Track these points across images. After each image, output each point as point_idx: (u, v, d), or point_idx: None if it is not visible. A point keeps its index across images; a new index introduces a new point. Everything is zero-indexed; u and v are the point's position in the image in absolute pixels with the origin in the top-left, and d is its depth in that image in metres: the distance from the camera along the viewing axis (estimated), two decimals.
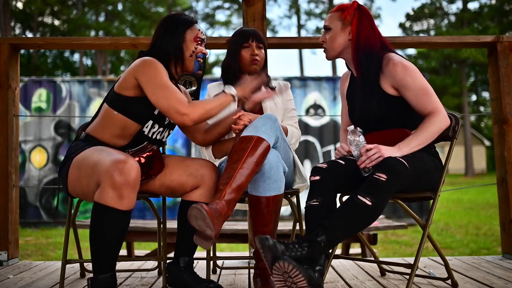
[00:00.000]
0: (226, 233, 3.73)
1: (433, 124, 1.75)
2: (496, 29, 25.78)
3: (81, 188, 1.71)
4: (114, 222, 1.57)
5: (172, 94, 1.72)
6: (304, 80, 8.60)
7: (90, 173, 1.64)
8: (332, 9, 1.98)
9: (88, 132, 1.87)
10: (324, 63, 79.52)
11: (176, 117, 1.71)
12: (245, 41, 2.14)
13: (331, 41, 1.92)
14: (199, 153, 7.98)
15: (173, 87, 1.75)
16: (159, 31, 1.91)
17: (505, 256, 2.63)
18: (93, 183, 1.63)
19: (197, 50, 1.91)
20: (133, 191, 1.57)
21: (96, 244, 1.59)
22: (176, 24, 1.90)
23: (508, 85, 2.66)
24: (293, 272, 1.49)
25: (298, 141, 2.16)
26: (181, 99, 1.73)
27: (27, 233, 7.64)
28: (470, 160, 26.88)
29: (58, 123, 8.32)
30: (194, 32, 1.91)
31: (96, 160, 1.63)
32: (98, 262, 1.59)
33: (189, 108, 1.72)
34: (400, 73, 1.79)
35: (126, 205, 1.56)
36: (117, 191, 1.53)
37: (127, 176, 1.54)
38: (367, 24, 1.87)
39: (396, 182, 1.63)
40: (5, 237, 2.56)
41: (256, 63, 2.13)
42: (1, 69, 2.62)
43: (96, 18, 26.62)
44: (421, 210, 8.16)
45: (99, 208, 1.56)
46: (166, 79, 1.75)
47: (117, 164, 1.54)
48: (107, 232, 1.57)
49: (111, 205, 1.54)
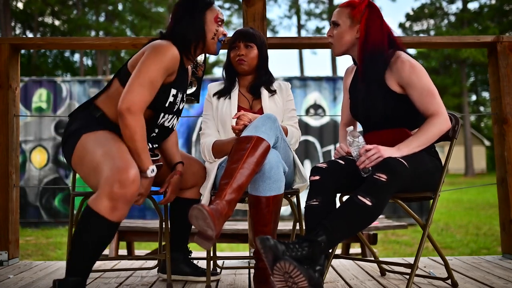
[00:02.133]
0: (226, 233, 3.73)
1: (434, 126, 1.75)
2: (496, 29, 25.78)
3: (82, 172, 1.70)
4: (101, 230, 1.55)
5: (142, 93, 1.67)
6: (304, 80, 8.60)
7: (91, 172, 1.63)
8: (342, 3, 1.94)
9: (100, 106, 1.81)
10: (324, 63, 79.57)
11: (120, 106, 1.65)
12: (232, 42, 2.15)
13: (338, 38, 1.91)
14: (199, 153, 7.99)
15: (151, 88, 1.69)
16: (178, 14, 1.84)
17: (505, 256, 2.63)
18: (93, 180, 1.62)
19: (218, 32, 1.86)
20: (128, 204, 1.55)
21: (78, 246, 1.57)
22: (195, 5, 1.83)
23: (508, 85, 2.66)
24: (294, 272, 1.49)
25: (298, 141, 2.16)
26: (143, 101, 1.68)
27: (28, 233, 7.64)
28: (470, 160, 26.88)
29: (58, 123, 8.32)
30: (214, 13, 1.85)
31: (99, 162, 1.60)
32: (74, 263, 1.57)
33: (136, 112, 1.65)
34: (407, 71, 1.79)
35: (117, 217, 1.55)
36: (112, 202, 1.52)
37: (126, 190, 1.52)
38: (377, 24, 1.85)
39: (396, 182, 1.63)
40: (5, 237, 2.56)
41: (242, 63, 2.11)
42: (1, 69, 2.62)
43: (96, 18, 26.63)
44: (421, 210, 8.15)
45: (90, 213, 1.54)
46: (155, 76, 1.70)
47: (120, 175, 1.51)
48: (92, 238, 1.55)
49: (103, 215, 1.52)
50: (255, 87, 2.16)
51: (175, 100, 1.85)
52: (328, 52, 43.42)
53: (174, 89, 1.84)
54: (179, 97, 1.88)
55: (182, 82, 1.89)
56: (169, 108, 1.84)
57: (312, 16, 31.24)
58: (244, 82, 2.20)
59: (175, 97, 1.85)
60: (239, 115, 1.91)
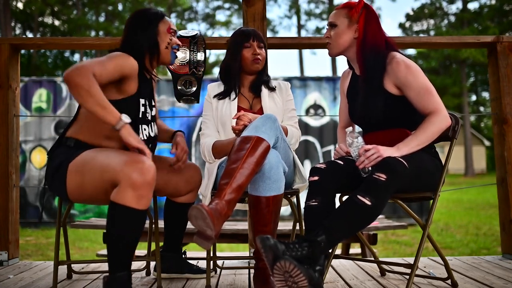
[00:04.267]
0: (226, 233, 3.73)
1: (433, 124, 1.75)
2: (496, 29, 25.76)
3: (87, 194, 1.68)
4: (133, 222, 1.57)
5: (92, 62, 1.61)
6: (304, 80, 8.60)
7: (98, 177, 1.60)
8: (338, 6, 1.96)
9: (73, 136, 1.78)
10: (324, 63, 79.50)
11: (66, 73, 1.57)
12: (246, 40, 2.14)
13: (336, 38, 1.91)
14: (199, 153, 7.99)
15: (101, 65, 1.63)
16: (130, 27, 1.88)
17: (505, 256, 2.63)
18: (102, 186, 1.61)
19: (172, 41, 1.91)
20: (151, 190, 1.57)
21: (114, 243, 1.59)
22: (147, 18, 1.88)
23: (508, 85, 2.66)
24: (294, 272, 1.49)
25: (298, 141, 2.16)
26: (93, 66, 1.59)
27: (28, 233, 7.64)
28: (470, 160, 26.87)
29: (58, 123, 8.32)
30: (167, 24, 1.91)
31: (104, 163, 1.60)
32: (115, 260, 1.59)
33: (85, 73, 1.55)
34: (403, 71, 1.79)
35: (144, 205, 1.56)
36: (137, 191, 1.53)
37: (146, 176, 1.53)
38: (374, 24, 1.87)
39: (395, 182, 1.63)
40: (5, 237, 2.56)
41: (258, 62, 2.14)
42: (1, 69, 2.62)
43: (96, 18, 26.62)
44: (421, 210, 8.15)
45: (117, 208, 1.55)
46: (109, 62, 1.67)
47: (136, 164, 1.53)
48: (126, 232, 1.58)
49: (131, 206, 1.54)
50: (256, 86, 2.18)
51: (145, 109, 1.88)
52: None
53: (142, 99, 1.86)
54: (147, 105, 1.90)
55: (146, 90, 1.90)
56: (143, 118, 1.86)
57: (312, 16, 31.22)
58: (245, 82, 2.20)
59: (145, 106, 1.88)
60: (239, 115, 1.91)
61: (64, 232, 2.08)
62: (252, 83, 2.19)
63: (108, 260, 1.60)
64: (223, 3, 30.66)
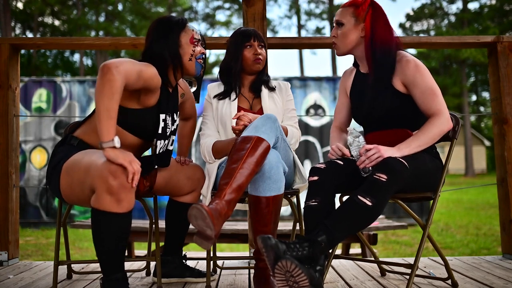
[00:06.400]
0: (226, 233, 3.74)
1: (435, 126, 1.75)
2: (496, 29, 25.77)
3: (75, 195, 1.64)
4: (116, 226, 1.52)
5: (128, 63, 1.58)
6: (304, 80, 8.59)
7: (83, 179, 1.56)
8: (344, 3, 1.95)
9: (79, 136, 1.77)
10: (324, 63, 79.53)
11: (107, 62, 1.53)
12: (247, 40, 2.14)
13: (343, 37, 1.90)
14: (199, 154, 7.98)
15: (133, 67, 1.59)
16: (153, 36, 1.82)
17: (505, 256, 2.63)
18: (87, 189, 1.55)
19: (195, 52, 1.85)
20: (130, 192, 1.50)
21: (101, 247, 1.55)
22: (168, 27, 1.82)
23: (508, 85, 2.66)
24: (295, 271, 1.49)
25: (298, 141, 2.16)
26: (129, 69, 1.57)
27: (27, 233, 7.64)
28: (470, 160, 26.87)
29: (58, 123, 8.32)
30: (189, 34, 1.85)
31: (87, 164, 1.55)
32: (106, 264, 1.57)
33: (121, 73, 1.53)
34: (412, 69, 1.80)
35: (125, 208, 1.51)
36: (114, 195, 1.47)
37: (122, 180, 1.46)
38: (382, 21, 1.86)
39: (396, 182, 1.63)
40: (5, 237, 2.56)
41: (259, 62, 2.13)
42: (1, 69, 2.62)
43: (96, 18, 26.61)
44: (421, 210, 8.15)
45: (97, 214, 1.51)
46: (139, 66, 1.63)
47: (109, 167, 1.45)
48: (109, 236, 1.53)
49: (111, 210, 1.49)
50: (256, 86, 2.18)
51: (166, 125, 1.85)
52: (328, 52, 43.37)
53: (163, 114, 1.82)
54: (168, 120, 1.87)
55: (168, 105, 1.86)
56: (163, 134, 1.84)
57: (312, 16, 31.23)
58: (245, 82, 2.20)
59: (165, 121, 1.84)
60: (239, 116, 1.91)
61: (64, 232, 2.08)
62: (252, 83, 2.19)
63: (100, 265, 1.58)
64: (223, 3, 30.68)
